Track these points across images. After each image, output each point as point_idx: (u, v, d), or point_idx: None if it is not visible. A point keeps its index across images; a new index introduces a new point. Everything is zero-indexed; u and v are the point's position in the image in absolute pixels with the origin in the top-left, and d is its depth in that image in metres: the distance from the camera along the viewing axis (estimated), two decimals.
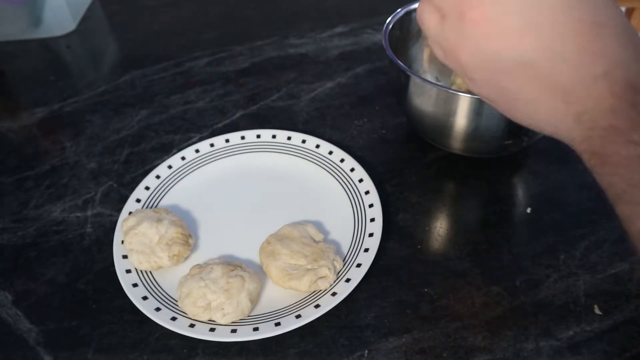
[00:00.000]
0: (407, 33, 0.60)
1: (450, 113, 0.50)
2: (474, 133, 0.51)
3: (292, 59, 0.76)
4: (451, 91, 0.49)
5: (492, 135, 0.52)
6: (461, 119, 0.50)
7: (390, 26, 0.56)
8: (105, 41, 0.84)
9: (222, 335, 0.43)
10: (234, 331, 0.43)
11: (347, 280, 0.46)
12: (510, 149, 0.55)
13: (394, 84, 0.56)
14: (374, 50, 0.76)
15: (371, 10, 0.83)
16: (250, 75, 0.73)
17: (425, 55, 0.63)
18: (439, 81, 0.62)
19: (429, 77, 0.62)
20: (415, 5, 0.59)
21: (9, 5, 0.80)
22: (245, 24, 0.84)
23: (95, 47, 0.82)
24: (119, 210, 0.54)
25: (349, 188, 0.54)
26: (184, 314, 0.44)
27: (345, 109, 0.66)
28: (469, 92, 0.48)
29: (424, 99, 0.52)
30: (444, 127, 0.52)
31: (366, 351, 0.43)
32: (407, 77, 0.51)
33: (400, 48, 0.60)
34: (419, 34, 0.61)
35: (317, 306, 0.44)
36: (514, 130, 0.51)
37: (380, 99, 0.67)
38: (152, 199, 0.55)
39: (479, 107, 0.48)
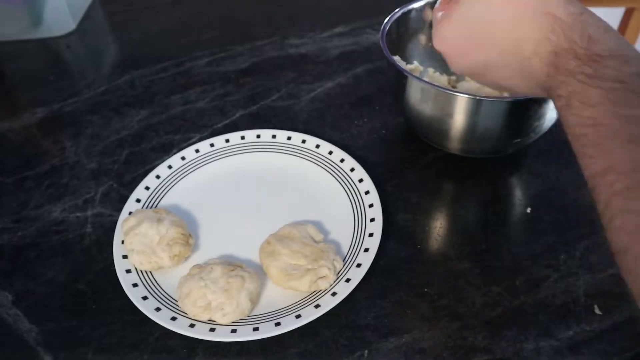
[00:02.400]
0: (405, 33, 0.60)
1: (449, 114, 0.50)
2: (472, 134, 0.51)
3: (292, 59, 0.76)
4: (449, 92, 0.49)
5: (490, 135, 0.52)
6: (459, 120, 0.50)
7: (388, 27, 0.56)
8: (105, 41, 0.84)
9: (222, 335, 0.43)
10: (234, 331, 0.43)
11: (347, 280, 0.46)
12: (510, 149, 0.55)
13: (392, 85, 0.56)
14: (374, 50, 0.76)
15: (371, 10, 0.83)
16: (250, 75, 0.73)
17: (422, 45, 0.62)
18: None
19: (427, 78, 0.62)
20: (413, 5, 0.59)
21: (9, 5, 0.80)
22: (245, 24, 0.84)
23: (95, 47, 0.83)
24: (119, 210, 0.54)
25: (349, 188, 0.54)
26: (184, 314, 0.44)
27: (345, 109, 0.66)
28: (467, 92, 0.48)
29: (422, 100, 0.52)
30: (442, 128, 0.52)
31: (366, 351, 0.43)
32: (405, 78, 0.51)
33: (399, 48, 0.60)
34: (416, 34, 0.61)
35: (317, 306, 0.44)
36: (512, 130, 0.51)
37: (380, 99, 0.67)
38: (152, 199, 0.55)
39: (477, 107, 0.48)
